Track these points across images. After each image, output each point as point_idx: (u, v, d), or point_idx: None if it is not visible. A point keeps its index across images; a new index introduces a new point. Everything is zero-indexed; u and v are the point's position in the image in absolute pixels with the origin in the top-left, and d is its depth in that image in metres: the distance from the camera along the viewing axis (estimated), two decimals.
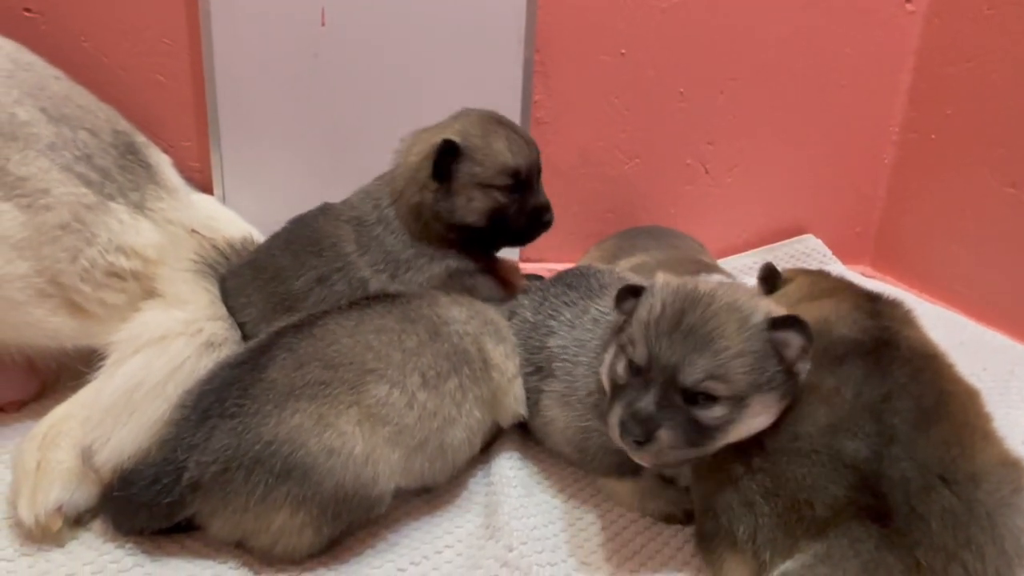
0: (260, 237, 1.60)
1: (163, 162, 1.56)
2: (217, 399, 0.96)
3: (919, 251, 2.14)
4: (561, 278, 1.31)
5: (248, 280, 1.32)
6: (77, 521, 1.02)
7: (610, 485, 1.15)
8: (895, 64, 2.15)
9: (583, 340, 1.14)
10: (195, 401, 0.98)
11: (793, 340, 0.94)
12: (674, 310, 0.94)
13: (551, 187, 2.09)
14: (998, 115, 1.86)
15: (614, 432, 0.93)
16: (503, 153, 1.28)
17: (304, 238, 1.35)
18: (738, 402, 0.92)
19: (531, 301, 1.29)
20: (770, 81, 2.10)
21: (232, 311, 1.29)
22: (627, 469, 1.09)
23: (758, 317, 0.94)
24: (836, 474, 0.90)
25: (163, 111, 1.82)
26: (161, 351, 1.13)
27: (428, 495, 1.14)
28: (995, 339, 1.76)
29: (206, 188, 1.86)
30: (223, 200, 1.87)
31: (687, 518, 1.10)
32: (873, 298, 1.22)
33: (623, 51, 2.00)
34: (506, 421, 1.20)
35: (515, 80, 1.92)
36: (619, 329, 1.02)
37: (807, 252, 2.16)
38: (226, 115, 1.83)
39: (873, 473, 0.90)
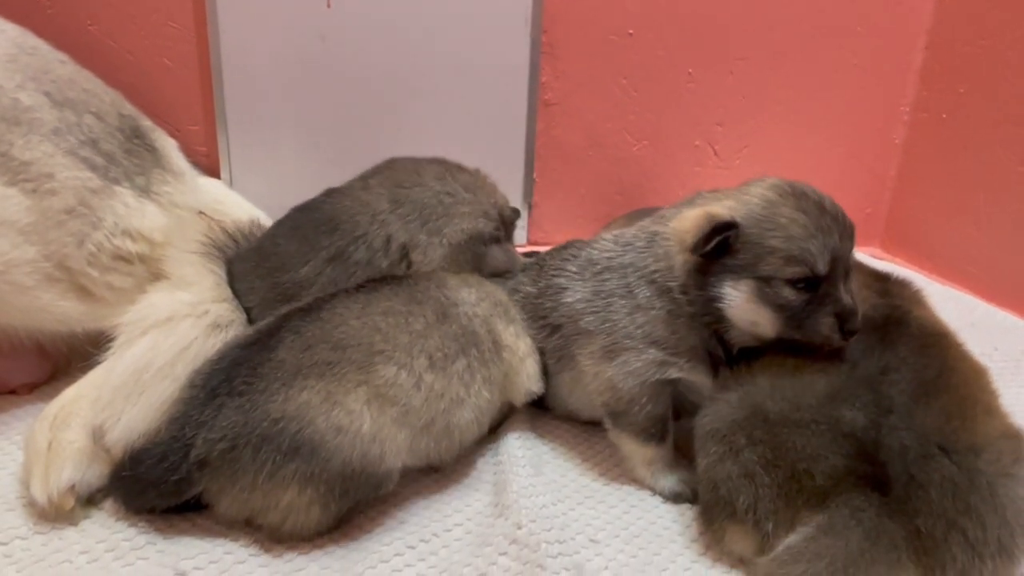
0: (268, 221, 1.60)
1: (169, 146, 1.56)
2: (226, 378, 0.97)
3: (930, 232, 2.12)
4: (555, 249, 1.34)
5: (252, 267, 1.33)
6: (90, 500, 1.04)
7: (632, 448, 1.15)
8: (907, 43, 2.12)
9: (607, 290, 1.14)
10: (204, 380, 0.99)
11: None
12: (817, 209, 1.03)
13: (560, 169, 2.11)
14: (1011, 94, 1.83)
15: (835, 338, 1.00)
16: None
17: (314, 220, 1.36)
18: None
19: (529, 275, 1.31)
20: (779, 61, 2.08)
21: (237, 295, 1.29)
22: (657, 431, 1.13)
23: None
24: (835, 443, 0.91)
25: (170, 95, 1.83)
26: (168, 332, 1.13)
27: (437, 474, 1.15)
28: (1007, 319, 1.74)
29: (213, 172, 1.86)
30: (230, 184, 1.87)
31: (696, 498, 1.10)
32: (883, 278, 1.23)
33: (631, 31, 1.98)
34: (519, 400, 1.21)
35: (522, 61, 1.91)
36: (740, 267, 1.04)
37: None
38: (233, 99, 1.83)
39: (871, 442, 0.91)
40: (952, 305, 1.76)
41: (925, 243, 2.13)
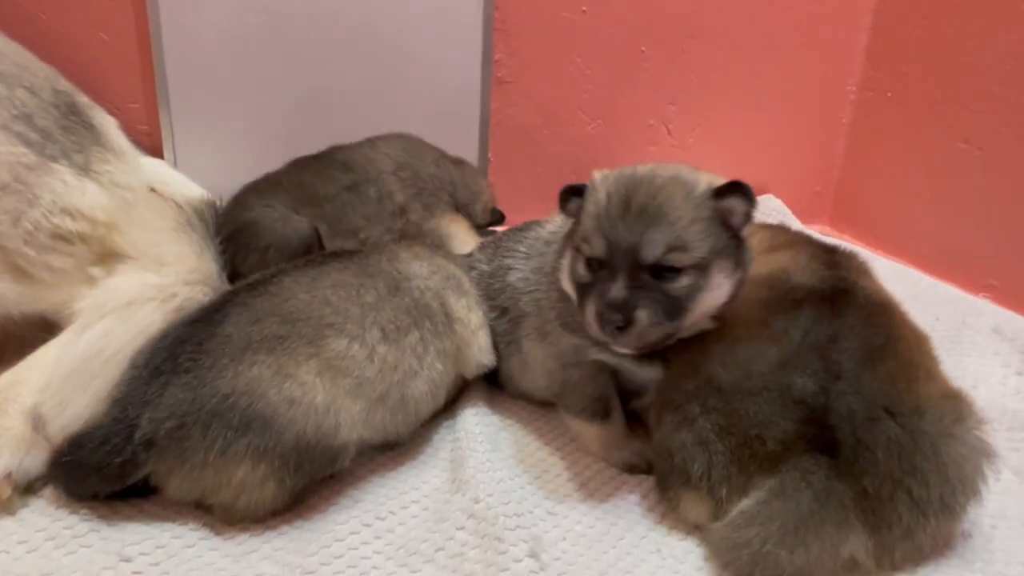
0: (211, 197, 1.57)
1: (108, 124, 1.50)
2: (169, 355, 0.94)
3: (876, 209, 2.17)
4: (512, 228, 1.34)
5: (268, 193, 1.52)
6: (28, 488, 1.00)
7: (579, 427, 1.16)
8: (853, 23, 2.16)
9: (542, 267, 1.14)
10: (146, 359, 0.96)
11: (737, 206, 0.95)
12: (620, 196, 0.95)
13: (515, 148, 2.09)
14: (952, 72, 1.88)
15: (593, 327, 0.93)
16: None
17: (328, 162, 1.58)
18: (701, 270, 0.94)
19: (485, 253, 1.31)
20: (730, 41, 2.10)
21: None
22: (599, 409, 1.12)
23: (702, 187, 0.96)
24: (786, 409, 0.93)
25: (107, 71, 1.75)
26: (125, 318, 1.10)
27: (393, 452, 1.13)
28: (948, 291, 1.80)
29: (156, 153, 1.79)
30: (174, 165, 1.81)
31: (651, 469, 1.11)
32: (830, 250, 1.26)
33: (584, 8, 1.97)
34: (471, 372, 1.20)
35: (475, 38, 1.89)
36: (571, 233, 1.02)
37: (768, 212, 2.18)
38: (175, 75, 1.77)
39: (821, 407, 0.93)
40: (896, 279, 1.80)
41: (871, 220, 2.18)
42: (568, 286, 1.03)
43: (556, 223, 1.20)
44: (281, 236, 1.45)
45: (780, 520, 0.87)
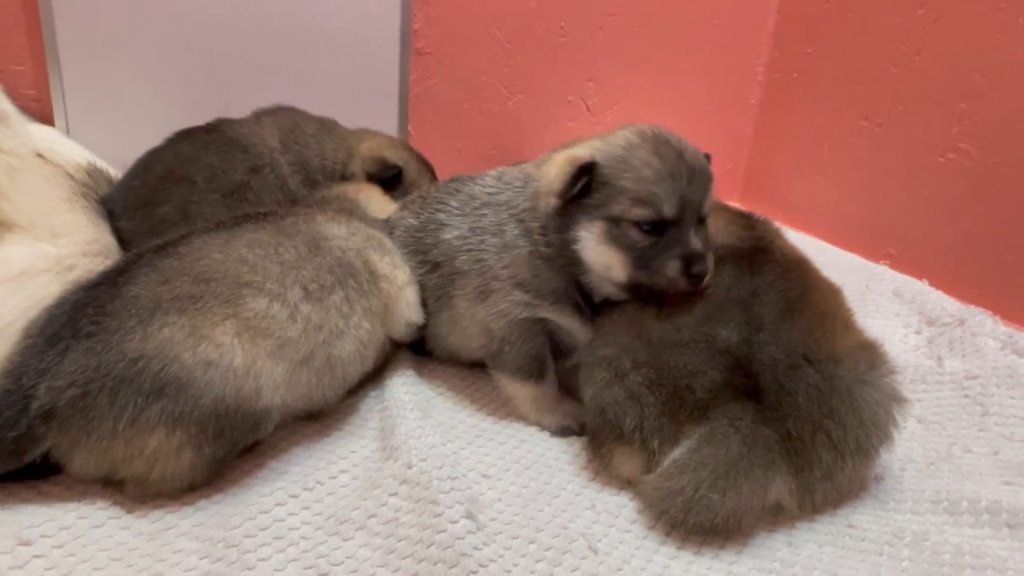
0: (108, 168, 1.47)
1: None
2: (68, 320, 0.87)
3: (784, 184, 2.27)
4: (440, 184, 1.32)
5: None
6: None
7: (512, 388, 1.15)
8: (761, 7, 2.24)
9: (481, 227, 1.13)
10: (41, 327, 0.88)
11: None
12: (673, 159, 1.02)
13: (436, 122, 2.05)
14: (853, 53, 1.98)
15: (680, 282, 0.99)
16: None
17: (221, 140, 1.44)
18: None
19: (411, 209, 1.28)
20: (646, 19, 2.13)
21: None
22: (534, 369, 1.13)
23: None
24: (712, 360, 0.95)
25: None
26: (16, 289, 1.03)
27: (319, 423, 1.09)
28: (852, 260, 1.90)
29: (46, 119, 1.65)
30: (67, 132, 1.67)
31: (583, 431, 1.12)
32: (746, 215, 1.31)
33: None
34: (399, 331, 1.17)
35: (393, 6, 1.84)
36: (593, 207, 1.03)
37: None
38: (65, 36, 1.63)
39: (745, 357, 0.96)
40: (804, 249, 1.89)
41: (780, 195, 2.28)
42: (603, 256, 1.03)
43: (488, 181, 1.19)
44: None
45: (711, 465, 0.89)
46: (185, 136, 1.44)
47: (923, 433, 1.16)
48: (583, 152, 1.06)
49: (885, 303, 1.61)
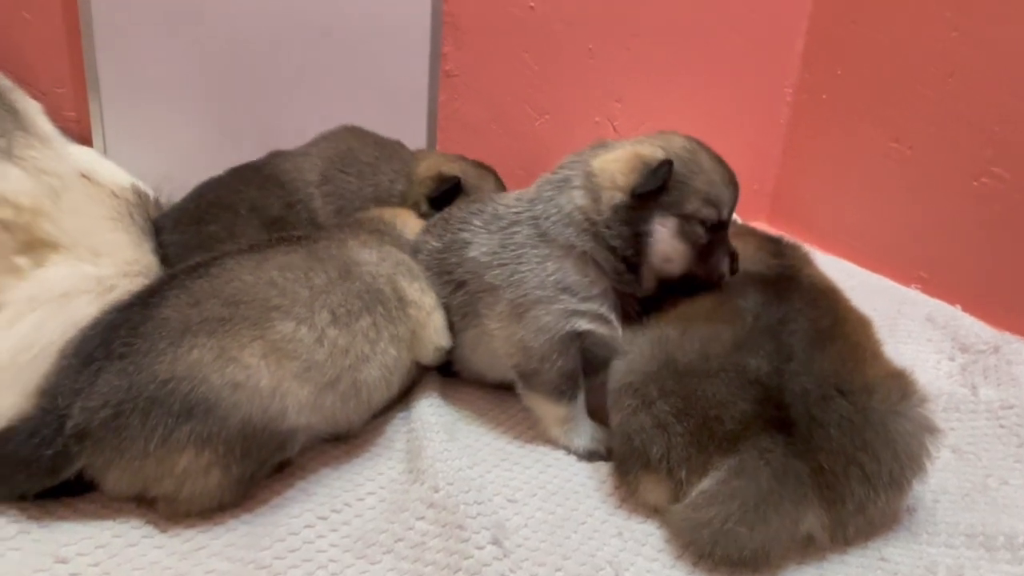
0: (146, 189, 1.50)
1: (32, 108, 1.42)
2: (102, 342, 0.89)
3: (812, 205, 2.25)
4: (458, 205, 1.34)
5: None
6: None
7: (543, 408, 1.15)
8: (790, 26, 2.23)
9: (507, 243, 1.14)
10: (76, 347, 0.90)
11: None
12: (720, 164, 1.14)
13: (462, 143, 2.07)
14: (884, 75, 1.96)
15: (725, 275, 1.12)
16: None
17: (261, 176, 1.47)
18: None
19: (433, 231, 1.29)
20: (672, 40, 2.14)
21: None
22: (568, 388, 1.13)
23: None
24: (742, 390, 0.94)
25: (31, 53, 1.65)
26: (57, 310, 1.05)
27: (346, 444, 1.10)
28: (882, 283, 1.88)
29: (85, 140, 1.70)
30: (104, 153, 1.71)
31: (610, 455, 1.12)
32: (775, 240, 1.31)
33: (532, 5, 1.97)
34: (427, 356, 1.18)
35: (424, 31, 1.86)
36: (667, 204, 1.09)
37: None
38: (105, 59, 1.67)
39: (775, 387, 0.95)
40: (833, 272, 1.84)
41: (808, 216, 2.26)
42: (673, 250, 1.10)
43: (509, 200, 1.20)
44: None
45: (740, 498, 0.88)
46: (237, 169, 1.50)
47: (957, 464, 1.14)
48: (649, 151, 1.10)
49: (917, 328, 1.58)
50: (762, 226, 2.38)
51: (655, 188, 1.07)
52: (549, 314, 1.09)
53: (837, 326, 1.05)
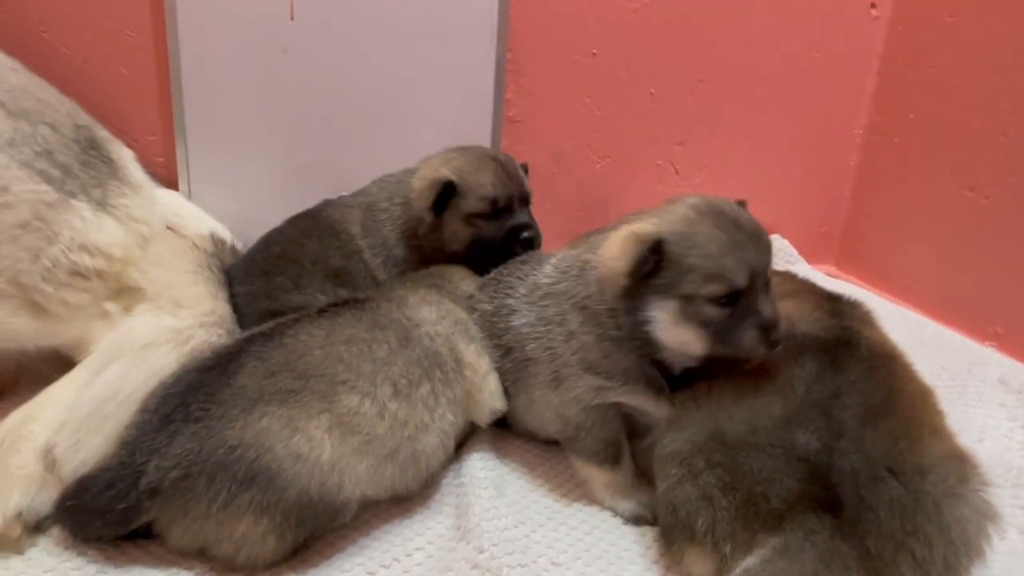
0: (227, 233, 1.59)
1: (126, 157, 1.53)
2: (181, 403, 0.95)
3: (882, 252, 2.18)
4: (511, 264, 1.34)
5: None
6: (37, 527, 1.01)
7: (588, 472, 1.16)
8: (860, 68, 2.19)
9: (547, 316, 1.15)
10: (158, 404, 0.96)
11: None
12: (731, 227, 1.03)
13: None
14: (958, 119, 1.90)
15: (760, 350, 1.02)
16: (485, 186, 1.44)
17: (319, 226, 1.51)
18: None
19: (486, 292, 1.31)
20: (738, 83, 2.13)
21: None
22: (610, 454, 1.13)
23: None
24: (789, 467, 0.93)
25: (127, 105, 1.78)
26: (140, 360, 1.12)
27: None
28: (954, 339, 1.80)
29: (171, 184, 1.82)
30: (188, 196, 1.83)
31: (655, 520, 1.12)
32: (834, 299, 1.27)
33: (595, 51, 2.00)
34: (483, 419, 1.21)
35: (487, 78, 1.92)
36: (663, 286, 1.03)
37: (774, 253, 2.19)
38: (192, 110, 1.80)
39: (824, 465, 0.93)
40: (902, 324, 1.82)
41: (877, 262, 2.19)
42: (679, 335, 1.04)
43: (548, 270, 1.21)
44: None
45: None
46: (295, 219, 1.55)
47: None
48: (644, 228, 1.05)
49: (989, 391, 1.51)
50: (830, 271, 2.32)
51: (648, 271, 1.02)
52: (578, 386, 1.11)
53: (892, 399, 1.01)
